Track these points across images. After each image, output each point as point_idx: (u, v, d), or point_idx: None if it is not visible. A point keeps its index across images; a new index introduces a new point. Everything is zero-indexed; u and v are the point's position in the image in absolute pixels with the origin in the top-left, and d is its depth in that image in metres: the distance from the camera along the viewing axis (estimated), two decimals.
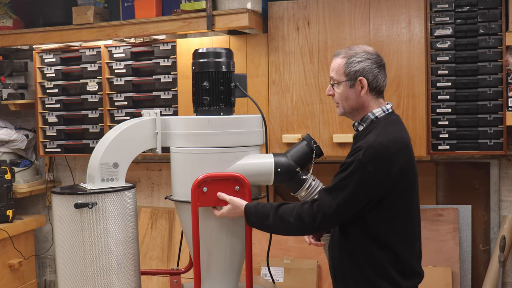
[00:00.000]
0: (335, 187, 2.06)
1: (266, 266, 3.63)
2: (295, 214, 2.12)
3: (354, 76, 2.14)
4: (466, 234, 3.54)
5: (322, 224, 2.09)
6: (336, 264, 2.21)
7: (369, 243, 2.07)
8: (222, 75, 2.43)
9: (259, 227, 2.24)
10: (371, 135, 2.07)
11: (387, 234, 2.07)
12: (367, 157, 2.00)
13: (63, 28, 3.90)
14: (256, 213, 2.21)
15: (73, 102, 4.11)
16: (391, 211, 2.07)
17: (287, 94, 3.54)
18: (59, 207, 2.34)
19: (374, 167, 2.00)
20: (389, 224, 2.07)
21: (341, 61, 2.17)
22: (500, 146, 3.24)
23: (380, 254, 2.07)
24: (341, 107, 2.20)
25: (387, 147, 2.03)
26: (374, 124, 2.14)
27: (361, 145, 2.04)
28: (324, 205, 2.06)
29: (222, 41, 3.69)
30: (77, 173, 4.58)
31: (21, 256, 4.21)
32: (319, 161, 2.67)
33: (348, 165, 2.04)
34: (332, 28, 3.44)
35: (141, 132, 2.44)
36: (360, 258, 2.10)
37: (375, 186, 2.02)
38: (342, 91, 2.17)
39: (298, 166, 2.41)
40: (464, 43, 3.28)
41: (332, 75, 2.20)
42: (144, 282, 3.26)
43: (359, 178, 2.00)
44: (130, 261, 2.39)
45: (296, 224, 2.12)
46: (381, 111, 2.16)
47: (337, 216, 2.06)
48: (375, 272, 2.08)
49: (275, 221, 2.15)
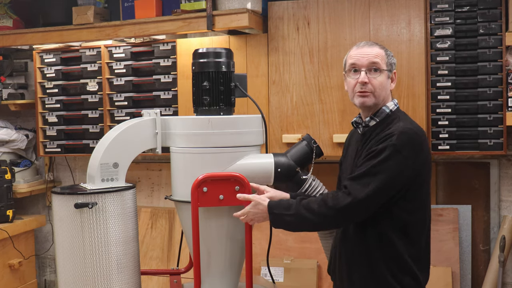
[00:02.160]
0: (366, 173, 1.99)
1: (266, 266, 3.63)
2: (319, 201, 2.05)
3: (392, 68, 2.15)
4: (466, 234, 3.54)
5: (349, 212, 2.00)
6: (350, 262, 2.13)
7: (393, 237, 2.03)
8: (222, 75, 2.43)
9: (282, 220, 2.12)
10: (397, 123, 2.06)
11: (411, 227, 2.04)
12: (401, 141, 1.98)
13: (63, 28, 3.90)
14: (279, 205, 2.13)
15: (73, 102, 4.11)
16: (415, 202, 2.05)
17: (287, 94, 3.54)
18: (59, 207, 2.34)
19: (407, 152, 1.98)
20: (412, 216, 2.05)
21: (381, 51, 2.14)
22: (500, 146, 3.24)
23: (404, 248, 2.03)
24: (375, 96, 2.12)
25: (417, 133, 2.04)
26: (391, 116, 2.12)
27: (391, 132, 2.01)
28: (353, 191, 1.98)
29: (222, 41, 3.69)
30: (77, 173, 4.58)
31: (21, 256, 4.21)
32: (319, 161, 2.67)
33: (380, 152, 1.99)
34: (332, 28, 3.44)
35: (141, 132, 2.44)
36: (383, 253, 2.04)
37: (408, 172, 1.99)
38: (382, 80, 2.12)
39: (298, 166, 2.41)
40: (464, 43, 3.28)
41: (376, 61, 2.11)
42: (144, 282, 3.26)
43: (394, 163, 1.97)
44: (130, 261, 2.39)
45: (319, 212, 2.03)
46: (393, 105, 2.16)
47: (368, 204, 1.99)
48: (398, 268, 2.04)
49: (298, 210, 2.07)
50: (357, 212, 2.02)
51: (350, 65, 2.16)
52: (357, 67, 2.14)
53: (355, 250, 2.11)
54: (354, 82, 2.14)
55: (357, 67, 2.14)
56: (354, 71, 2.15)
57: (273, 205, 2.15)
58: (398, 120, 2.10)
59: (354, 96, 2.16)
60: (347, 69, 2.19)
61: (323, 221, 2.07)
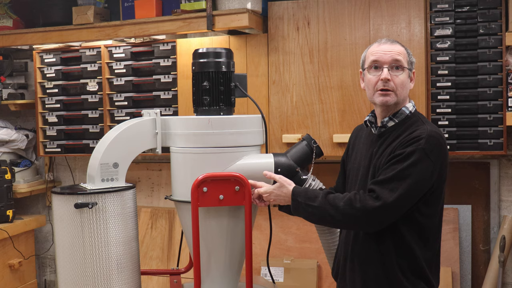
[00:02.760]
0: (394, 177, 1.93)
1: (266, 266, 3.63)
2: (346, 199, 1.98)
3: (412, 67, 2.11)
4: (466, 234, 3.54)
5: (376, 215, 1.94)
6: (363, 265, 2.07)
7: (411, 241, 2.00)
8: (222, 75, 2.43)
9: (303, 209, 2.07)
10: (422, 126, 2.02)
11: (428, 232, 2.01)
12: (429, 145, 1.94)
13: (63, 28, 3.90)
14: (305, 194, 2.08)
15: (73, 102, 4.11)
16: (434, 207, 2.03)
17: (287, 94, 3.54)
18: (59, 207, 2.34)
19: (435, 156, 1.95)
20: (430, 220, 2.03)
21: (403, 48, 2.10)
22: (500, 146, 3.24)
23: (420, 252, 2.00)
24: (397, 95, 2.07)
25: (443, 137, 2.02)
26: (410, 118, 2.08)
27: (419, 135, 1.97)
28: (383, 195, 1.92)
29: (222, 41, 3.69)
30: (77, 173, 4.58)
31: (21, 256, 4.21)
32: (319, 161, 2.67)
33: (409, 155, 1.94)
34: (332, 28, 3.44)
35: (141, 132, 2.44)
36: (398, 257, 2.00)
37: (434, 176, 1.97)
38: (404, 78, 2.08)
39: (298, 166, 2.40)
40: (464, 43, 3.28)
41: (399, 58, 2.06)
42: (144, 282, 3.26)
43: (423, 168, 1.93)
44: (130, 261, 2.39)
45: (345, 210, 1.97)
46: (412, 106, 2.12)
47: (396, 209, 1.94)
48: (413, 272, 2.01)
49: (322, 203, 2.01)
50: (385, 217, 1.96)
51: (372, 62, 2.09)
52: (379, 64, 2.08)
53: (369, 253, 2.06)
54: (375, 79, 2.08)
55: (379, 64, 2.08)
56: (375, 68, 2.09)
57: (298, 192, 2.11)
58: (421, 122, 2.06)
59: (375, 94, 2.09)
60: (367, 65, 2.12)
61: (346, 220, 2.01)
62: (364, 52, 2.19)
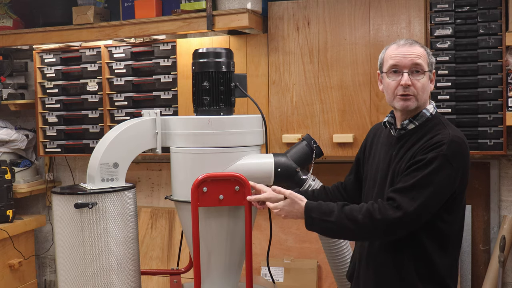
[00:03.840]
0: (415, 185, 1.87)
1: (266, 266, 3.63)
2: (364, 211, 1.91)
3: (432, 68, 2.03)
4: (466, 234, 3.53)
5: (398, 225, 1.88)
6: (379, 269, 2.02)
7: (430, 249, 1.94)
8: (222, 75, 2.43)
9: (319, 225, 1.99)
10: (444, 130, 1.96)
11: (448, 239, 1.96)
12: (452, 152, 1.89)
13: (63, 28, 3.90)
14: (319, 209, 1.99)
15: (73, 102, 4.11)
16: (456, 213, 1.97)
17: (287, 94, 3.54)
18: (59, 207, 2.34)
19: (458, 163, 1.90)
20: (451, 227, 1.97)
21: (422, 50, 2.00)
22: (500, 146, 3.24)
23: (439, 260, 1.95)
24: (418, 100, 2.00)
25: (465, 142, 1.95)
26: (431, 121, 2.02)
27: (441, 140, 1.90)
28: (404, 204, 1.86)
29: (222, 41, 3.69)
30: (77, 173, 4.58)
31: (21, 256, 4.21)
32: (319, 161, 2.67)
33: (430, 161, 1.88)
34: (332, 28, 3.44)
35: (141, 132, 2.44)
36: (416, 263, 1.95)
37: (456, 183, 1.91)
38: (425, 82, 2.00)
39: (298, 166, 2.41)
40: (464, 43, 3.28)
41: (419, 62, 1.98)
42: (144, 282, 3.26)
43: (445, 175, 1.87)
44: (130, 261, 2.39)
45: (364, 223, 1.89)
46: (433, 108, 2.05)
47: (418, 218, 1.88)
48: (431, 279, 1.95)
49: (339, 218, 1.93)
50: (407, 226, 1.90)
51: (391, 66, 2.02)
52: (398, 68, 2.00)
53: (386, 257, 2.01)
54: (395, 84, 2.01)
55: (398, 69, 2.01)
56: (394, 72, 2.02)
57: (312, 208, 2.02)
58: (442, 126, 1.99)
59: (395, 99, 2.02)
60: (386, 69, 2.05)
61: (366, 233, 1.95)
62: (382, 53, 2.12)
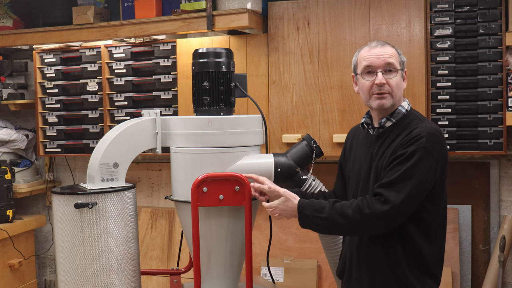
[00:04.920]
0: (399, 178, 1.95)
1: (266, 266, 3.63)
2: (354, 207, 2.00)
3: (403, 67, 2.13)
4: (466, 234, 3.54)
5: (387, 218, 1.96)
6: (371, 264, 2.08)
7: (417, 239, 2.01)
8: (222, 75, 2.43)
9: (312, 221, 2.07)
10: (420, 123, 2.04)
11: (434, 228, 2.04)
12: (430, 143, 1.97)
13: (63, 28, 3.90)
14: (311, 206, 2.07)
15: (73, 102, 4.11)
16: (438, 202, 2.05)
17: (287, 94, 3.54)
18: (59, 207, 2.34)
19: (437, 153, 1.99)
20: (435, 217, 2.05)
21: (393, 50, 2.11)
22: (500, 146, 3.24)
23: (427, 249, 2.02)
24: (393, 97, 2.09)
25: (441, 133, 2.05)
26: (408, 116, 2.10)
27: (419, 133, 1.98)
28: (391, 198, 1.94)
29: (222, 41, 3.69)
30: (77, 173, 4.58)
31: (21, 256, 4.21)
32: (319, 161, 2.67)
33: (411, 154, 1.96)
34: (332, 28, 3.44)
35: (141, 132, 2.44)
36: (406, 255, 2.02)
37: (437, 173, 2.00)
38: (398, 80, 2.10)
39: (298, 166, 2.41)
40: (464, 43, 3.28)
41: (391, 61, 2.08)
42: (144, 282, 3.26)
43: (427, 166, 1.96)
44: (130, 261, 2.39)
45: (354, 218, 1.98)
46: (407, 105, 2.14)
47: (405, 209, 1.96)
48: (420, 269, 2.02)
49: (331, 213, 2.01)
50: (395, 219, 1.98)
51: (365, 67, 2.11)
52: (372, 68, 2.09)
53: (376, 252, 2.07)
54: (369, 84, 2.10)
55: (372, 69, 2.09)
56: (369, 72, 2.11)
57: (304, 205, 2.10)
58: (419, 120, 2.07)
59: (371, 98, 2.11)
60: (360, 71, 2.14)
61: (357, 227, 2.03)
62: (355, 56, 2.20)
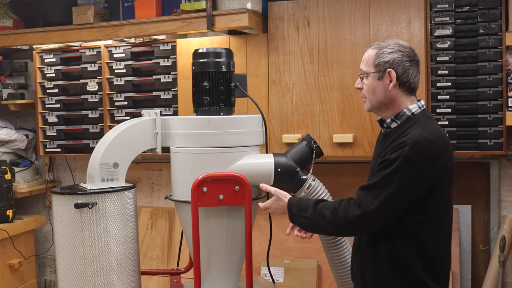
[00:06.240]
0: (376, 185, 1.94)
1: (266, 266, 3.63)
2: (331, 208, 2.03)
3: (383, 68, 2.04)
4: (466, 234, 3.54)
5: (358, 223, 1.97)
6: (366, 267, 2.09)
7: (404, 249, 1.98)
8: (222, 75, 2.43)
9: (298, 219, 2.15)
10: (414, 130, 1.97)
11: (425, 238, 1.98)
12: (414, 152, 1.90)
13: (63, 28, 3.90)
14: (298, 205, 2.15)
15: (73, 102, 4.11)
16: (433, 213, 1.98)
17: (287, 94, 3.54)
18: (59, 207, 2.34)
19: (421, 163, 1.90)
20: (428, 227, 1.98)
21: (372, 52, 2.08)
22: (500, 146, 3.24)
23: (416, 260, 1.98)
24: (368, 101, 2.10)
25: (434, 142, 1.94)
26: (411, 120, 2.04)
27: (405, 141, 1.93)
28: (364, 202, 1.94)
29: (222, 41, 3.69)
30: (77, 173, 4.58)
31: (21, 256, 4.21)
32: (319, 161, 2.67)
33: (392, 162, 1.92)
34: (332, 28, 3.44)
35: (141, 132, 2.44)
36: (393, 265, 2.00)
37: (421, 184, 1.92)
38: (370, 83, 2.07)
39: (298, 166, 2.41)
40: (464, 43, 3.28)
41: (361, 67, 2.11)
42: (144, 282, 3.26)
43: (405, 175, 1.90)
44: (130, 261, 2.39)
45: (330, 219, 2.02)
46: (417, 107, 2.08)
47: (378, 217, 1.94)
48: (410, 280, 1.99)
49: (312, 214, 2.08)
50: (367, 224, 1.98)
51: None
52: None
53: (368, 261, 2.08)
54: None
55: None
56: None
57: (292, 204, 2.19)
58: (417, 126, 2.00)
59: None
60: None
61: (334, 229, 2.08)
62: None
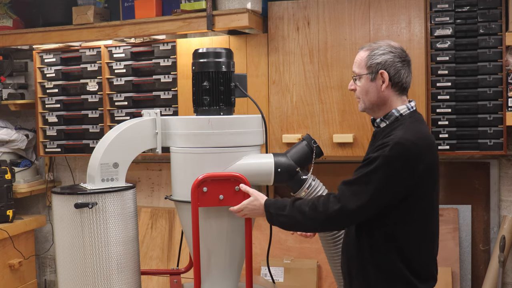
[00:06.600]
0: (356, 181, 1.98)
1: (266, 266, 3.63)
2: (310, 204, 2.06)
3: (376, 69, 2.07)
4: (466, 234, 3.54)
5: (336, 219, 2.00)
6: (352, 263, 2.13)
7: (385, 246, 2.01)
8: (222, 75, 2.43)
9: (276, 218, 2.15)
10: (398, 131, 1.99)
11: (408, 237, 2.00)
12: (394, 153, 1.92)
13: (63, 28, 3.90)
14: (275, 204, 2.16)
15: (73, 102, 4.11)
16: (414, 212, 2.00)
17: (287, 94, 3.54)
18: (59, 207, 2.34)
19: (400, 164, 1.92)
20: (410, 226, 2.00)
21: (364, 54, 2.11)
22: (500, 146, 3.24)
23: (397, 257, 2.00)
24: (362, 102, 2.13)
25: (416, 143, 1.96)
26: (399, 121, 2.06)
27: (387, 141, 1.96)
28: (343, 198, 1.98)
29: (222, 41, 3.69)
30: (77, 173, 4.58)
31: (21, 256, 4.21)
32: (319, 161, 2.67)
33: (373, 161, 1.95)
34: (332, 28, 3.44)
35: (141, 132, 2.44)
36: (375, 262, 2.03)
37: (400, 184, 1.94)
38: (363, 85, 2.10)
39: (298, 166, 2.40)
40: (464, 43, 3.29)
41: (354, 69, 2.13)
42: (144, 282, 3.26)
43: (383, 176, 1.93)
44: (130, 261, 2.39)
45: (310, 215, 2.04)
46: (406, 108, 2.09)
47: (356, 214, 1.98)
48: (392, 276, 2.02)
49: (291, 211, 2.09)
50: (346, 219, 2.02)
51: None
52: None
53: (354, 257, 2.11)
54: None
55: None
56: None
57: (269, 204, 2.19)
58: (402, 127, 2.02)
59: None
60: None
61: (314, 225, 2.09)
62: None
